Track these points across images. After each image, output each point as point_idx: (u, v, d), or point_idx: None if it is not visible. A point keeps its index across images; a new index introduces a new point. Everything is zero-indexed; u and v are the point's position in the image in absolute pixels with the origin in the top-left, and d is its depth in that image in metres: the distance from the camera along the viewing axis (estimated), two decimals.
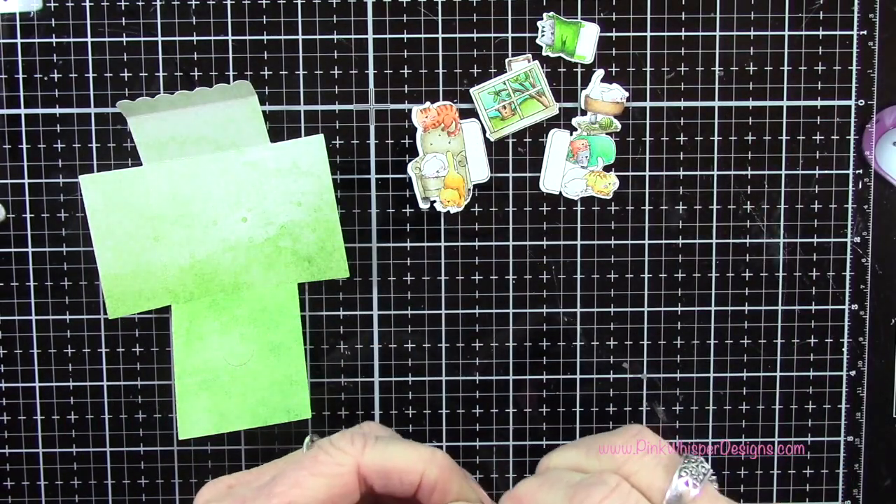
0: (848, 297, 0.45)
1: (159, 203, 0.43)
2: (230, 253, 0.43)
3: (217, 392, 0.43)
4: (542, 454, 0.45)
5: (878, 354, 0.45)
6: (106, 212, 0.43)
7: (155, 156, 0.42)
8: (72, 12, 0.43)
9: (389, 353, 0.45)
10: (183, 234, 0.43)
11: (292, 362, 0.43)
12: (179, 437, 0.43)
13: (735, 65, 0.44)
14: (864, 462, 0.45)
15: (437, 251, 0.44)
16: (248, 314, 0.43)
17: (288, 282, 0.43)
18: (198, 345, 0.43)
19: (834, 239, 0.45)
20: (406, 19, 0.43)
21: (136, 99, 0.41)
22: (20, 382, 0.44)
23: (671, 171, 0.44)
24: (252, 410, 0.43)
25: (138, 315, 0.44)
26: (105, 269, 0.43)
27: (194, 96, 0.41)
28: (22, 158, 0.43)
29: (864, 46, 0.44)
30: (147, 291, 0.43)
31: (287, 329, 0.43)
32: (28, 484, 0.45)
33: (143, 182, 0.43)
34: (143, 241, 0.43)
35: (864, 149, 0.44)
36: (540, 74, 0.43)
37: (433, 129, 0.43)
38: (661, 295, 0.44)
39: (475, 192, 0.44)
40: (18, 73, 0.43)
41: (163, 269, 0.43)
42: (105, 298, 0.43)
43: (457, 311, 0.44)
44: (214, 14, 0.43)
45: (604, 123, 0.44)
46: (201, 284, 0.43)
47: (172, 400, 0.44)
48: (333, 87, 0.43)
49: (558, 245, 0.44)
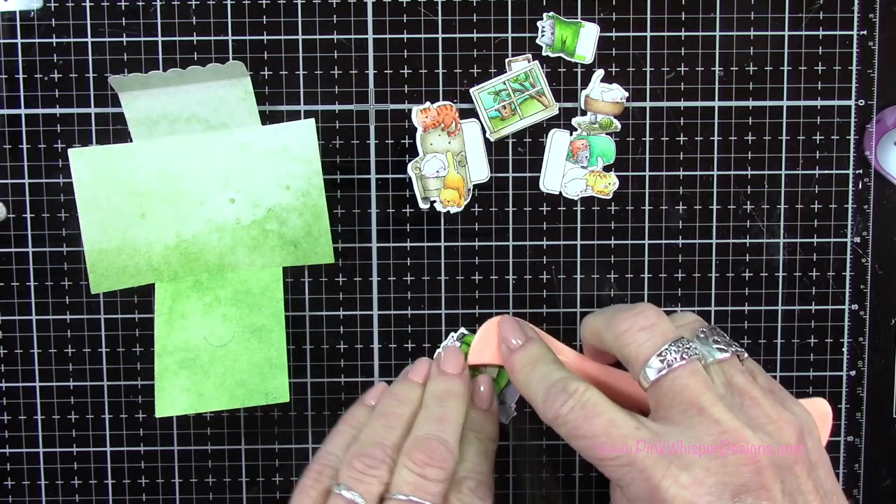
0: (848, 297, 0.45)
1: (147, 180, 0.43)
2: (216, 234, 0.43)
3: (196, 372, 0.43)
4: (542, 453, 0.45)
5: (878, 354, 0.45)
6: (93, 186, 0.43)
7: (145, 133, 0.42)
8: (72, 12, 0.43)
9: (389, 353, 0.45)
10: (170, 213, 0.43)
11: (273, 345, 0.43)
12: (156, 415, 0.42)
13: (735, 65, 0.44)
14: (864, 462, 0.45)
15: (437, 251, 0.44)
16: (232, 295, 0.43)
17: (273, 265, 0.43)
18: (179, 323, 0.43)
19: (834, 239, 0.45)
20: (406, 19, 0.43)
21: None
22: (20, 382, 0.44)
23: (671, 171, 0.44)
24: (230, 391, 0.43)
25: (139, 315, 0.44)
26: (90, 244, 0.43)
27: (187, 75, 0.41)
28: (22, 158, 0.43)
29: (864, 46, 0.44)
30: (131, 268, 0.43)
31: (270, 312, 0.43)
32: (28, 484, 0.45)
33: (132, 158, 0.43)
34: (130, 218, 0.43)
35: (864, 149, 0.44)
36: (540, 74, 0.43)
37: (433, 129, 0.43)
38: (661, 295, 0.44)
39: (475, 192, 0.44)
40: (18, 73, 0.43)
41: (148, 247, 0.43)
42: (88, 273, 0.43)
43: (457, 311, 0.44)
44: (214, 14, 0.43)
45: (604, 123, 0.44)
46: (186, 264, 0.43)
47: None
48: (333, 87, 0.43)
49: (558, 245, 0.44)
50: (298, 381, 0.44)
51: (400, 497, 0.35)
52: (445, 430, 0.38)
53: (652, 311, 0.33)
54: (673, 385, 0.31)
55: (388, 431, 0.38)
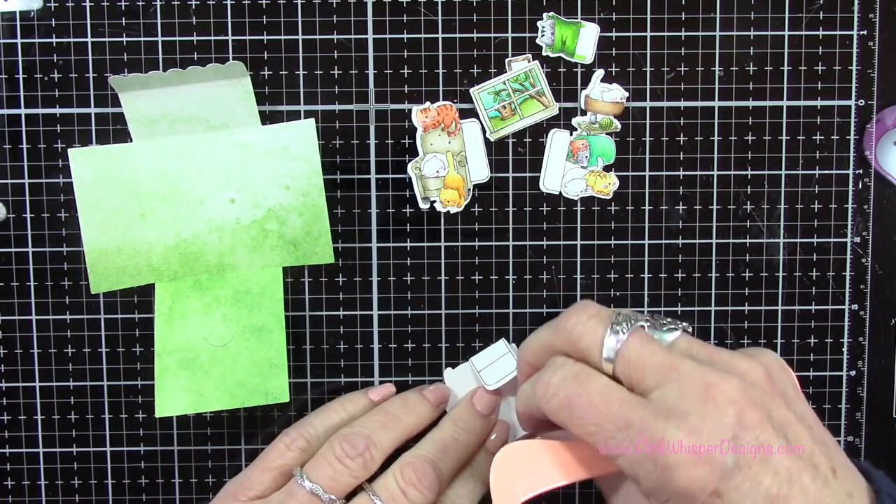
0: (848, 297, 0.45)
1: (147, 180, 0.43)
2: (216, 234, 0.43)
3: (196, 371, 0.43)
4: None
5: (878, 354, 0.45)
6: (93, 186, 0.43)
7: (145, 132, 0.42)
8: (72, 12, 0.43)
9: (389, 353, 0.45)
10: (169, 213, 0.43)
11: (273, 345, 0.43)
12: (156, 415, 0.42)
13: (735, 65, 0.44)
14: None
15: (437, 251, 0.44)
16: (232, 296, 0.43)
17: (273, 265, 0.43)
18: (179, 323, 0.43)
19: (834, 239, 0.45)
20: (406, 19, 0.43)
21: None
22: (20, 382, 0.44)
23: (671, 171, 0.44)
24: (230, 391, 0.43)
25: (139, 315, 0.44)
26: (90, 244, 0.43)
27: (187, 75, 0.41)
28: (22, 158, 0.43)
29: (864, 46, 0.44)
30: (131, 268, 0.43)
31: (269, 312, 0.43)
32: (28, 484, 0.45)
33: (132, 158, 0.43)
34: (130, 218, 0.43)
35: (864, 149, 0.44)
36: (540, 74, 0.43)
37: (433, 129, 0.43)
38: (661, 295, 0.44)
39: (475, 192, 0.44)
40: (18, 73, 0.43)
41: (148, 247, 0.43)
42: (88, 273, 0.43)
43: (457, 311, 0.44)
44: (214, 14, 0.43)
45: (604, 123, 0.44)
46: (186, 264, 0.43)
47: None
48: (333, 87, 0.43)
49: (558, 245, 0.44)
50: (298, 381, 0.44)
51: (374, 499, 0.36)
52: (446, 461, 0.38)
53: (593, 303, 0.34)
54: (641, 351, 0.31)
55: (382, 430, 0.38)
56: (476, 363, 0.43)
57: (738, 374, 0.30)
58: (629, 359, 0.31)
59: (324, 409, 0.41)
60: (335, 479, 0.37)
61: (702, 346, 0.32)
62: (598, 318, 0.32)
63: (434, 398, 0.42)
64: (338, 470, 0.37)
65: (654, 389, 0.30)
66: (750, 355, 0.31)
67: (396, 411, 0.40)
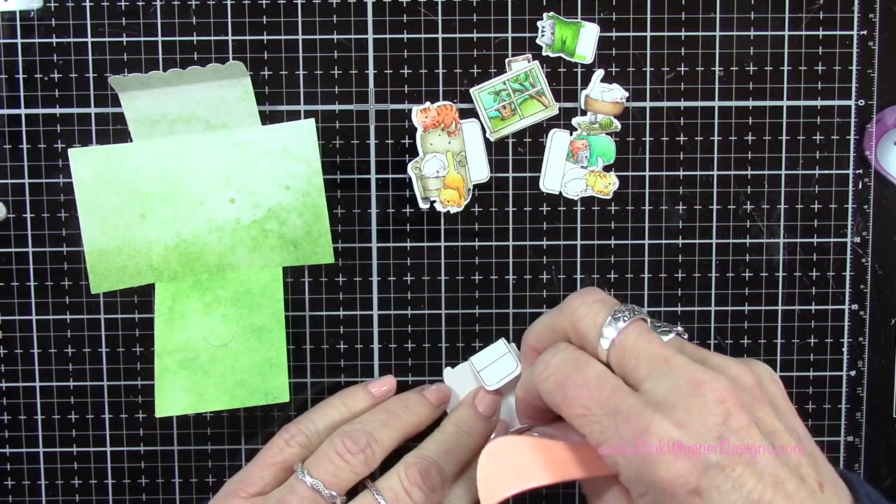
0: (848, 297, 0.45)
1: (147, 180, 0.43)
2: (216, 234, 0.43)
3: (196, 371, 0.43)
4: None
5: (878, 354, 0.45)
6: (93, 186, 0.43)
7: (145, 133, 0.42)
8: (72, 12, 0.43)
9: (389, 352, 0.45)
10: (170, 213, 0.43)
11: (273, 345, 0.43)
12: (156, 415, 0.42)
13: (735, 65, 0.44)
14: (863, 462, 0.45)
15: (437, 251, 0.44)
16: (232, 296, 0.43)
17: (273, 265, 0.43)
18: (179, 323, 0.43)
19: (834, 239, 0.45)
20: (406, 19, 0.43)
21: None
22: (20, 382, 0.44)
23: (671, 171, 0.44)
24: (230, 391, 0.43)
25: (139, 315, 0.44)
26: (90, 244, 0.43)
27: (187, 75, 0.41)
28: (22, 158, 0.43)
29: (864, 46, 0.44)
30: (131, 268, 0.43)
31: (269, 312, 0.43)
32: (28, 484, 0.45)
33: (132, 158, 0.43)
34: (130, 218, 0.43)
35: (864, 149, 0.44)
36: (540, 74, 0.43)
37: (433, 129, 0.43)
38: (661, 295, 0.44)
39: (475, 192, 0.44)
40: (18, 73, 0.43)
41: (148, 247, 0.43)
42: (88, 273, 0.43)
43: (457, 311, 0.44)
44: (214, 14, 0.43)
45: (604, 123, 0.44)
46: (186, 264, 0.43)
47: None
48: (333, 87, 0.43)
49: (558, 245, 0.44)
50: (298, 381, 0.44)
51: (379, 498, 0.36)
52: (448, 462, 0.38)
53: (599, 290, 0.34)
54: (637, 341, 0.31)
55: (383, 428, 0.38)
56: (476, 363, 0.43)
57: (729, 376, 0.30)
58: (626, 346, 0.31)
59: (323, 405, 0.41)
60: (336, 475, 0.37)
61: (695, 348, 0.33)
62: (602, 304, 0.33)
63: (435, 398, 0.42)
64: (339, 466, 0.37)
65: (646, 380, 0.30)
66: (743, 362, 0.32)
67: (397, 410, 0.40)
